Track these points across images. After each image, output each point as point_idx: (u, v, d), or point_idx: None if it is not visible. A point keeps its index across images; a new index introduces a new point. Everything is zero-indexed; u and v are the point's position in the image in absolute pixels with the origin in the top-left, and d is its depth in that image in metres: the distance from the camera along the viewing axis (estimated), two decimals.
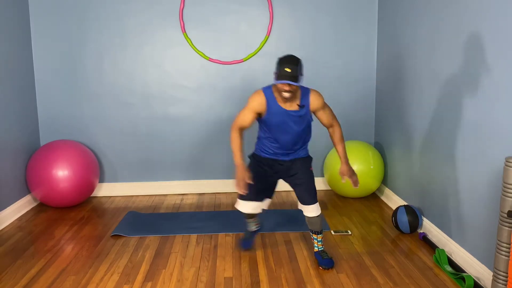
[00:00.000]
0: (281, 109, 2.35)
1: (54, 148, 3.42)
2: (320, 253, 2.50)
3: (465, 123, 2.39)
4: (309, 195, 2.45)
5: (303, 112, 2.37)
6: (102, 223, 3.20)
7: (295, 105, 2.35)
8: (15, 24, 3.43)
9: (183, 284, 2.30)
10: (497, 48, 2.10)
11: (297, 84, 2.23)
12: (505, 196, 1.84)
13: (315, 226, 2.48)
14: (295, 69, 2.21)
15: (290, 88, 2.24)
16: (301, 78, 2.25)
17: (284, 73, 2.20)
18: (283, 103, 2.35)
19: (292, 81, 2.20)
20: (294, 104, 2.35)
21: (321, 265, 2.44)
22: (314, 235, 2.52)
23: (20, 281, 2.34)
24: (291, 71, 2.20)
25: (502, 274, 1.89)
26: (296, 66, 2.22)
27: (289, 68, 2.20)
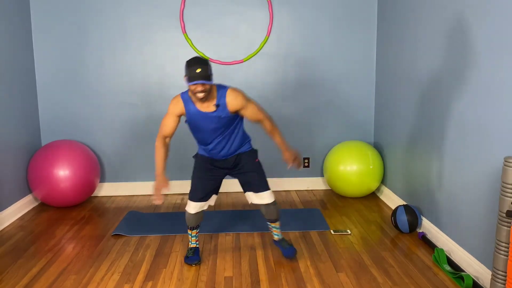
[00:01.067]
0: (197, 111, 2.36)
1: (55, 148, 3.43)
2: (280, 242, 2.52)
3: (464, 123, 2.40)
4: (260, 182, 2.47)
5: (220, 112, 2.35)
6: (103, 223, 3.21)
7: (212, 105, 2.35)
8: (16, 24, 3.44)
9: (184, 284, 2.31)
10: (496, 50, 2.11)
11: (209, 83, 2.23)
12: (504, 196, 1.85)
13: (271, 214, 2.49)
14: (205, 68, 2.21)
15: (203, 88, 2.23)
16: (212, 77, 2.27)
17: (194, 74, 2.21)
18: (200, 104, 2.35)
19: (205, 80, 2.20)
20: (211, 104, 2.34)
21: (286, 256, 2.48)
22: (272, 224, 2.52)
23: (21, 280, 2.35)
24: (201, 70, 2.21)
25: (501, 274, 1.90)
26: (205, 66, 2.23)
27: (199, 68, 2.21)
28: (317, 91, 3.89)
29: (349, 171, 3.52)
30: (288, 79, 3.86)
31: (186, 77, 2.25)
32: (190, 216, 2.52)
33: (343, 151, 3.60)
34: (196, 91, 2.24)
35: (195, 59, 2.26)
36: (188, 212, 2.52)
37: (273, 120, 2.53)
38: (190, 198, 2.51)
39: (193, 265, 2.50)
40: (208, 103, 2.34)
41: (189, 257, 2.52)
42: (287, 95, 3.88)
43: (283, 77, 3.86)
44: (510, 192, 1.82)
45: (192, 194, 2.51)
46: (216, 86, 2.36)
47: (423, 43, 2.88)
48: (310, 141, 3.97)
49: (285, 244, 2.54)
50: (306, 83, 3.88)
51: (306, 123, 3.95)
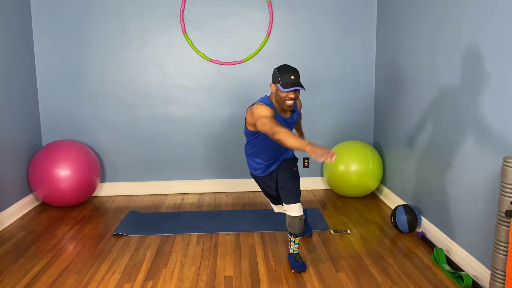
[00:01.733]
0: (281, 118, 2.39)
1: (55, 148, 3.44)
2: (293, 256, 2.48)
3: (463, 123, 2.41)
4: (291, 195, 2.42)
5: (294, 117, 2.48)
6: (104, 223, 3.22)
7: (288, 112, 2.43)
8: (17, 25, 3.45)
9: (184, 283, 2.32)
10: (494, 51, 2.12)
11: (303, 89, 2.29)
12: (503, 196, 1.85)
13: (294, 228, 2.41)
14: (298, 76, 2.29)
15: (295, 95, 2.29)
16: None
17: (290, 81, 2.25)
18: (280, 112, 2.39)
19: (301, 87, 2.25)
20: (288, 111, 2.42)
21: (293, 268, 2.42)
22: (292, 237, 2.47)
23: (22, 280, 2.36)
24: (295, 78, 2.27)
25: (500, 273, 1.91)
26: (298, 74, 2.30)
27: (293, 75, 2.27)
28: (317, 91, 3.90)
29: (349, 171, 3.53)
30: None
31: (278, 84, 2.27)
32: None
33: (342, 151, 3.61)
34: (288, 98, 2.28)
35: (288, 66, 2.31)
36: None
37: None
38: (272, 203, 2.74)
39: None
40: (287, 111, 2.41)
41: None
42: None
43: None
44: (509, 192, 1.83)
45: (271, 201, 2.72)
46: None
47: (423, 44, 2.89)
48: (310, 141, 3.98)
49: (298, 258, 2.48)
50: (305, 84, 3.89)
51: (306, 123, 3.96)
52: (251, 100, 3.89)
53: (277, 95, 2.31)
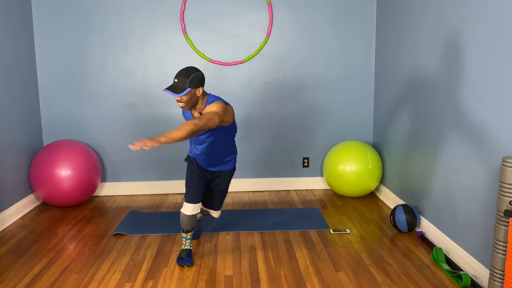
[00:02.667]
0: (189, 115, 2.46)
1: (56, 148, 3.45)
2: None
3: (462, 123, 2.42)
4: (219, 203, 2.69)
5: None
6: (104, 222, 3.23)
7: (198, 113, 2.42)
8: (18, 25, 3.46)
9: (184, 282, 2.33)
10: (494, 50, 2.13)
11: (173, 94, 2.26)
12: (502, 196, 1.86)
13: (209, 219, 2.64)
14: (181, 80, 2.28)
15: (179, 98, 2.30)
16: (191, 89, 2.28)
17: (172, 83, 2.32)
18: (193, 110, 2.43)
19: (173, 91, 2.27)
20: (197, 112, 2.42)
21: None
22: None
23: (23, 279, 2.37)
24: (177, 81, 2.29)
25: (499, 272, 1.92)
26: (184, 78, 2.28)
27: (176, 78, 2.30)
28: (317, 91, 3.91)
29: (348, 171, 3.54)
30: (287, 79, 3.88)
31: None
32: (185, 218, 2.52)
33: (342, 151, 3.62)
34: (176, 99, 2.34)
35: (183, 69, 2.33)
36: (184, 214, 2.52)
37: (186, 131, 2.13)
38: (186, 200, 2.52)
39: (186, 266, 2.50)
40: (197, 110, 2.41)
41: (184, 258, 2.52)
42: (287, 95, 3.90)
43: (283, 78, 3.88)
44: (508, 191, 1.83)
45: (189, 196, 2.52)
46: (209, 96, 2.41)
47: (422, 44, 2.90)
48: (310, 141, 3.99)
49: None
50: (305, 84, 3.90)
51: (305, 123, 3.97)
52: (251, 100, 3.91)
53: None
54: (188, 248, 2.58)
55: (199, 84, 2.31)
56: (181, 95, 2.27)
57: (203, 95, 2.38)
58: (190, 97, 2.31)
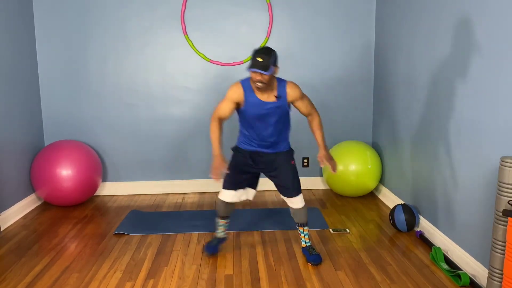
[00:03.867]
0: (258, 101, 2.37)
1: (58, 148, 3.47)
2: (307, 249, 2.55)
3: (461, 123, 2.43)
4: (292, 187, 2.48)
5: (280, 102, 2.38)
6: (105, 222, 3.24)
7: (272, 96, 2.37)
8: (20, 26, 3.47)
9: (185, 281, 2.34)
10: (493, 51, 2.14)
11: (267, 73, 2.21)
12: (500, 195, 1.87)
13: (299, 217, 2.52)
14: (266, 59, 2.22)
15: (262, 78, 2.25)
16: (273, 68, 2.25)
17: (255, 63, 2.22)
18: (260, 94, 2.36)
19: (263, 70, 2.20)
20: (271, 95, 2.37)
21: (309, 261, 2.49)
22: (300, 228, 2.56)
23: (24, 278, 2.38)
24: (263, 60, 2.21)
25: (498, 272, 1.93)
26: (267, 56, 2.22)
27: (260, 57, 2.21)
28: (316, 91, 3.92)
29: (348, 171, 3.55)
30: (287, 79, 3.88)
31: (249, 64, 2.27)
32: (220, 203, 2.53)
33: (341, 151, 3.64)
34: (255, 80, 2.26)
35: (261, 48, 2.27)
36: (220, 199, 2.54)
37: (320, 119, 2.54)
38: (223, 187, 2.53)
39: (208, 255, 2.52)
40: (269, 93, 2.35)
41: (211, 246, 2.54)
42: None
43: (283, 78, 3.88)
44: (506, 191, 1.84)
45: (226, 183, 2.52)
46: (277, 79, 2.39)
47: (421, 45, 2.91)
48: (309, 141, 4.00)
49: (312, 251, 2.53)
50: (305, 84, 3.91)
51: (305, 123, 3.97)
52: None
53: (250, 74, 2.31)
54: (220, 237, 2.59)
55: (277, 63, 2.30)
56: (268, 73, 2.22)
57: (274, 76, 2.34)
58: (271, 77, 2.28)
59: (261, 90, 2.31)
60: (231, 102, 2.41)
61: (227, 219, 2.62)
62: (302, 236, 2.58)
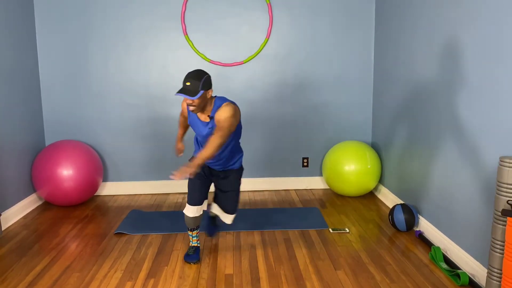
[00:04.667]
0: (195, 118, 2.42)
1: (58, 148, 3.48)
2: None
3: (460, 123, 2.44)
4: (232, 205, 2.62)
5: (211, 124, 2.37)
6: (106, 221, 3.25)
7: (207, 116, 2.39)
8: (21, 26, 3.48)
9: (185, 281, 2.35)
10: (490, 52, 2.15)
11: (194, 98, 2.22)
12: (499, 195, 1.87)
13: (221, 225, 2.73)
14: (195, 83, 2.23)
15: (191, 102, 2.26)
16: (203, 92, 2.24)
17: (183, 87, 2.25)
18: (199, 113, 2.40)
19: (189, 96, 2.22)
20: (206, 115, 2.39)
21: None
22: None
23: (25, 278, 2.39)
24: (190, 84, 2.23)
25: (496, 271, 1.93)
26: (196, 81, 2.23)
27: (188, 82, 2.24)
28: (316, 92, 3.93)
29: (347, 171, 3.56)
30: (287, 80, 3.90)
31: None
32: (189, 219, 2.56)
33: (341, 151, 3.64)
34: (187, 104, 2.29)
35: (192, 72, 2.28)
36: (187, 216, 2.55)
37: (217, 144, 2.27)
38: (188, 202, 2.53)
39: (192, 263, 2.54)
40: (205, 113, 2.39)
41: (190, 255, 2.56)
42: (287, 96, 3.92)
43: (283, 78, 3.90)
44: (505, 191, 1.85)
45: (191, 198, 2.53)
46: (216, 98, 2.38)
47: (420, 45, 2.92)
48: (309, 141, 4.02)
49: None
50: (305, 84, 3.92)
51: (305, 123, 3.99)
52: (251, 100, 3.93)
53: None
54: (195, 245, 2.61)
55: (210, 86, 2.30)
56: (195, 98, 2.23)
57: (211, 97, 2.36)
58: (202, 100, 2.28)
59: (195, 112, 2.33)
60: (182, 116, 2.65)
61: (197, 229, 2.62)
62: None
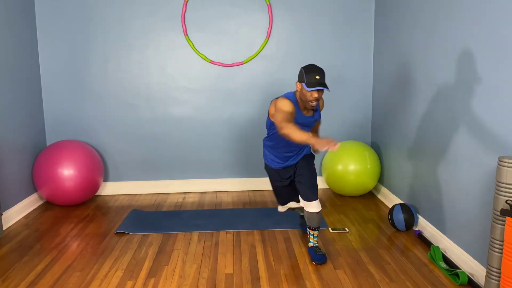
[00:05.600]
0: (303, 116, 2.45)
1: (59, 148, 3.49)
2: (314, 248, 2.59)
3: (459, 123, 2.45)
4: (311, 192, 2.53)
5: (316, 116, 2.53)
6: (107, 221, 3.26)
7: (311, 111, 2.48)
8: (22, 26, 3.50)
9: (185, 280, 2.36)
10: (489, 53, 2.15)
11: (328, 90, 2.33)
12: (498, 195, 1.87)
13: (313, 222, 2.56)
14: (323, 76, 2.33)
15: (319, 95, 2.33)
16: None
17: (314, 81, 2.29)
18: (302, 110, 2.45)
19: (325, 87, 2.29)
20: (310, 110, 2.47)
21: (314, 261, 2.52)
22: (311, 231, 2.60)
23: (27, 277, 2.40)
24: (320, 78, 2.31)
25: (495, 270, 1.94)
26: (323, 74, 2.34)
27: (318, 75, 2.31)
28: None
29: (347, 171, 3.57)
30: (287, 80, 3.91)
31: (303, 83, 2.32)
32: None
33: (341, 151, 3.65)
34: (312, 98, 2.32)
35: (314, 66, 2.34)
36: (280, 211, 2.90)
37: None
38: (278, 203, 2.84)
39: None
40: (308, 109, 2.45)
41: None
42: None
43: (282, 79, 3.91)
44: (504, 191, 1.85)
45: (278, 200, 2.82)
46: None
47: (419, 45, 2.93)
48: None
49: (318, 250, 2.58)
50: None
51: None
52: (251, 100, 3.94)
53: (302, 93, 2.36)
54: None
55: None
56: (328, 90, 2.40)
57: None
58: None
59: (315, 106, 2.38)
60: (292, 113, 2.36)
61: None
62: (311, 238, 2.62)
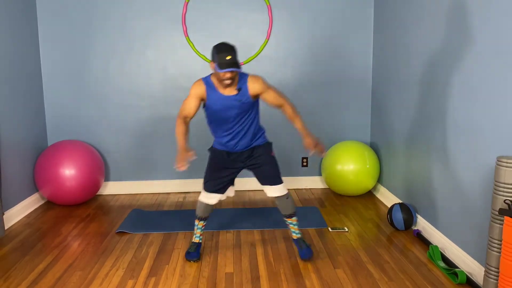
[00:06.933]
0: (220, 95, 2.37)
1: (61, 148, 3.50)
2: (298, 242, 2.54)
3: (458, 123, 2.46)
4: (272, 175, 2.48)
5: (241, 96, 2.36)
6: (108, 221, 3.27)
7: (233, 89, 2.36)
8: (23, 26, 3.51)
9: (186, 279, 2.37)
10: (489, 53, 2.16)
11: (239, 70, 2.23)
12: (497, 195, 1.88)
13: (286, 208, 2.49)
14: (234, 55, 2.22)
15: (232, 75, 2.25)
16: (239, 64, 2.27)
17: (224, 61, 2.20)
18: (222, 89, 2.36)
19: (234, 68, 2.20)
20: (233, 89, 2.36)
21: (301, 256, 2.50)
22: (289, 219, 2.54)
23: (28, 276, 2.41)
24: (231, 57, 2.21)
25: (494, 270, 1.94)
26: (234, 53, 2.23)
27: (228, 55, 2.21)
28: (315, 92, 3.96)
29: (346, 170, 3.59)
30: (286, 81, 3.92)
31: (215, 64, 2.24)
32: (202, 205, 2.54)
33: (340, 151, 3.67)
34: (224, 78, 2.26)
35: (224, 45, 2.25)
36: (201, 201, 2.55)
37: (294, 106, 2.51)
38: (204, 188, 2.54)
39: (192, 261, 2.55)
40: (231, 88, 2.36)
41: (191, 253, 2.57)
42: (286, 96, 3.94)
43: (282, 79, 3.92)
44: (502, 190, 1.85)
45: (207, 185, 2.54)
46: (238, 73, 2.38)
47: (418, 45, 2.94)
48: None
49: (303, 244, 2.54)
50: (304, 85, 3.94)
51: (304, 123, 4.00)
52: None
53: (216, 73, 2.30)
54: (198, 242, 2.60)
55: None
56: (239, 70, 2.23)
57: None
58: (236, 73, 2.30)
59: (230, 86, 2.31)
60: (195, 98, 2.39)
61: (206, 220, 2.61)
62: (292, 227, 2.57)
